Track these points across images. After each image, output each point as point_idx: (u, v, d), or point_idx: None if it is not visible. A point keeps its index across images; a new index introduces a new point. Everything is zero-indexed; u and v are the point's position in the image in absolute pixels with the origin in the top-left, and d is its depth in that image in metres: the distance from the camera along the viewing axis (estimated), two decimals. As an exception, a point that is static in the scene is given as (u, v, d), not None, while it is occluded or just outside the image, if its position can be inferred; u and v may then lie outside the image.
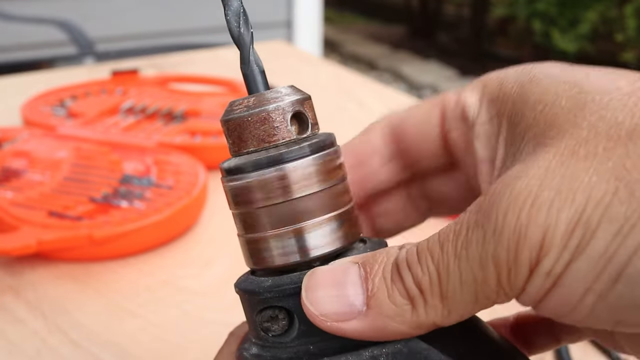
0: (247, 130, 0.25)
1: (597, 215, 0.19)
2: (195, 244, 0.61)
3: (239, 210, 0.25)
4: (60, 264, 0.56)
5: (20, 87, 0.98)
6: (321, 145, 0.25)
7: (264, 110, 0.24)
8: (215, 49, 1.22)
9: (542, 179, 0.20)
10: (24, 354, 0.46)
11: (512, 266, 0.20)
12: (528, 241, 0.19)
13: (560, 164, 0.20)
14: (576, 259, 0.19)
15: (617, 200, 0.18)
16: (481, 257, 0.20)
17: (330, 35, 4.28)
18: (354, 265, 0.23)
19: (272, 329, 0.25)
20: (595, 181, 0.19)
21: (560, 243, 0.19)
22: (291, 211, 0.24)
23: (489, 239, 0.20)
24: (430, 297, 0.21)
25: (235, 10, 0.25)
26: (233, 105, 0.25)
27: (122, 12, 2.05)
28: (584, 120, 0.20)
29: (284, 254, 0.25)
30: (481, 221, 0.20)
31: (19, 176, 0.66)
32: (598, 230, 0.19)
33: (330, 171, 0.25)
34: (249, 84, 0.25)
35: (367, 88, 1.04)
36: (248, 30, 0.25)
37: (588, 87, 0.21)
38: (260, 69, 0.25)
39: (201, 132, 0.77)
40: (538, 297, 0.20)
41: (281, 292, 0.24)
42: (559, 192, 0.19)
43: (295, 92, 0.25)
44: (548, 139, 0.21)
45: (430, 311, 0.22)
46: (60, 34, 1.64)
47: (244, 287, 0.25)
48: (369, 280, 0.22)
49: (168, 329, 0.49)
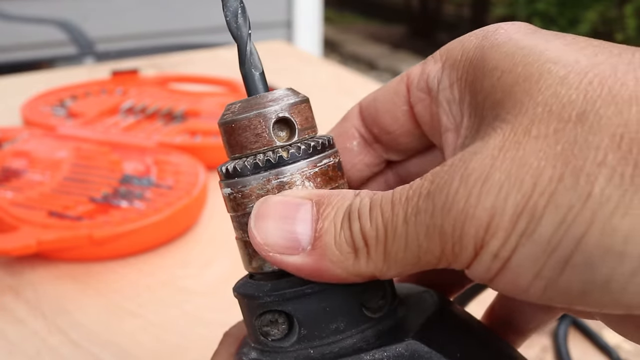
0: (232, 136, 0.25)
1: (543, 202, 0.18)
2: (195, 244, 0.61)
3: (237, 213, 0.25)
4: (60, 264, 0.56)
5: (20, 87, 0.98)
6: (312, 149, 0.24)
7: (246, 117, 0.24)
8: (215, 49, 1.22)
9: (494, 160, 0.20)
10: (24, 354, 0.46)
11: (456, 242, 0.20)
12: (475, 222, 0.19)
13: (513, 143, 0.19)
14: (523, 245, 0.19)
15: (563, 187, 0.18)
16: (428, 227, 0.20)
17: (330, 35, 4.28)
18: (307, 202, 0.23)
19: (271, 333, 0.24)
20: (544, 166, 0.19)
21: (507, 227, 0.19)
22: None
23: (438, 212, 0.20)
24: (374, 251, 0.22)
25: (235, 10, 0.25)
26: (226, 109, 0.25)
27: (122, 12, 2.05)
28: (539, 94, 0.20)
29: None
30: (433, 193, 0.20)
31: (19, 176, 0.66)
32: (543, 217, 0.18)
33: (325, 174, 0.25)
34: (248, 85, 0.25)
35: (367, 88, 1.04)
36: (247, 30, 0.25)
37: (547, 55, 0.21)
38: (260, 70, 0.25)
39: (201, 132, 0.77)
40: (488, 276, 0.20)
41: (281, 296, 0.24)
42: (508, 175, 0.19)
43: (289, 95, 0.25)
44: (504, 112, 0.21)
45: (371, 264, 0.22)
46: (60, 34, 1.64)
47: (243, 292, 0.25)
48: (319, 221, 0.23)
49: (168, 329, 0.49)
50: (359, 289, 0.24)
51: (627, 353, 0.47)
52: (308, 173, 0.24)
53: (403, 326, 0.24)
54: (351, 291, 0.24)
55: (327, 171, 0.25)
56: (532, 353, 0.47)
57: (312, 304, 0.24)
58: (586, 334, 0.48)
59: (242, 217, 0.25)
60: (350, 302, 0.24)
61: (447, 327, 0.25)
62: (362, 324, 0.24)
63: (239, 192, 0.24)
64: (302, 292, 0.24)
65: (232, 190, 0.25)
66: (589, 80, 0.19)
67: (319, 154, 0.25)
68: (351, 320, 0.24)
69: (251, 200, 0.24)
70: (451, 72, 0.25)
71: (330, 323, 0.24)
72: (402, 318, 0.25)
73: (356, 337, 0.24)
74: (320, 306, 0.24)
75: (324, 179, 0.25)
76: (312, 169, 0.24)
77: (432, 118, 0.26)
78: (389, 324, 0.24)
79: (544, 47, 0.21)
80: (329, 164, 0.25)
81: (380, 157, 0.30)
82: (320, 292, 0.24)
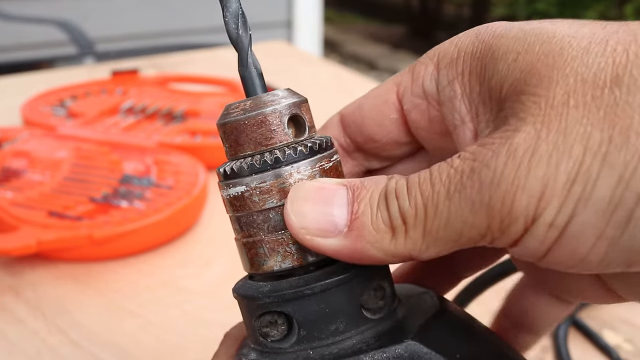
0: (244, 134, 0.24)
1: (597, 164, 0.19)
2: (195, 244, 0.61)
3: (237, 214, 0.25)
4: (60, 264, 0.56)
5: (20, 87, 0.98)
6: (319, 147, 0.25)
7: (261, 113, 0.24)
8: (214, 49, 1.22)
9: (538, 132, 0.20)
10: (24, 354, 0.46)
11: (505, 216, 0.20)
12: (527, 193, 0.20)
13: (553, 116, 0.20)
14: (581, 210, 0.19)
15: (614, 147, 0.19)
16: (474, 203, 0.21)
17: (330, 35, 4.27)
18: (342, 187, 0.23)
19: (271, 334, 0.24)
20: (590, 131, 0.19)
21: (561, 194, 0.19)
22: None
23: (485, 187, 0.20)
24: (413, 229, 0.22)
25: (234, 12, 0.25)
26: (229, 108, 0.25)
27: (122, 12, 2.05)
28: (566, 65, 0.20)
29: (283, 259, 0.24)
30: (478, 169, 0.21)
31: (19, 176, 0.66)
32: (599, 179, 0.19)
33: (328, 173, 0.25)
34: (247, 87, 0.25)
35: (367, 88, 1.03)
36: (246, 32, 0.25)
37: (560, 32, 0.21)
38: (259, 72, 0.25)
39: (201, 132, 0.77)
40: (542, 250, 0.20)
41: (280, 297, 0.24)
42: (556, 145, 0.19)
43: (291, 94, 0.25)
44: (532, 87, 0.21)
45: (409, 243, 0.22)
46: (60, 34, 1.64)
47: (243, 293, 0.25)
48: (355, 203, 0.23)
49: (168, 329, 0.49)
50: (358, 290, 0.24)
51: (627, 353, 0.47)
52: (325, 167, 0.25)
53: (402, 327, 0.24)
54: (351, 292, 0.24)
55: (337, 167, 0.25)
56: (532, 353, 0.47)
57: (311, 305, 0.24)
58: (586, 334, 0.48)
59: (242, 217, 0.25)
60: (349, 303, 0.24)
61: (446, 328, 0.25)
62: (361, 325, 0.24)
63: (257, 188, 0.24)
64: (301, 293, 0.24)
65: (232, 190, 0.25)
66: (612, 48, 0.20)
67: (329, 150, 0.25)
68: (351, 321, 0.24)
69: (271, 195, 0.24)
70: (449, 71, 0.25)
71: (330, 324, 0.24)
72: (402, 319, 0.25)
73: (355, 338, 0.24)
74: (320, 307, 0.24)
75: (336, 174, 0.25)
76: (327, 163, 0.25)
77: (432, 121, 0.26)
78: (389, 325, 0.24)
79: (552, 28, 0.22)
80: (338, 159, 0.25)
81: (360, 165, 0.30)
82: (319, 293, 0.24)
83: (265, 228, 0.24)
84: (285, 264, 0.24)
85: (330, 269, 0.24)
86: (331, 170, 0.25)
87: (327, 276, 0.24)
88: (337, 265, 0.24)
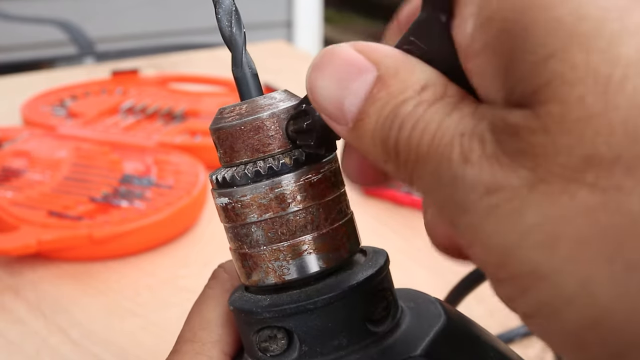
0: (239, 140, 0.23)
1: None
2: (196, 244, 0.61)
3: (232, 224, 0.24)
4: (60, 264, 0.56)
5: (20, 87, 0.98)
6: (306, 158, 0.23)
7: (258, 118, 0.23)
8: (214, 49, 1.22)
9: None
10: (24, 354, 0.46)
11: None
12: None
13: None
14: None
15: None
16: None
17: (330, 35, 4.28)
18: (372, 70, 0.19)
19: (270, 349, 0.23)
20: None
21: None
22: (288, 225, 0.23)
23: None
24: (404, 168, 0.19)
25: (227, 8, 0.23)
26: (223, 112, 0.24)
27: (122, 12, 2.05)
28: None
29: (281, 272, 0.23)
30: None
31: (19, 176, 0.66)
32: None
33: (328, 181, 0.24)
34: (241, 88, 0.24)
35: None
36: (240, 30, 0.24)
37: None
38: (253, 72, 0.24)
39: (201, 132, 0.77)
40: None
41: (281, 312, 0.23)
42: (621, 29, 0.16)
43: (289, 97, 0.24)
44: None
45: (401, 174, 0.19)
46: (60, 34, 1.64)
47: (240, 306, 0.24)
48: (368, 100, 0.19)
49: (168, 329, 0.49)
50: (362, 302, 0.23)
51: (627, 353, 0.47)
52: (313, 180, 0.23)
53: (407, 342, 0.23)
54: (354, 305, 0.23)
55: (331, 177, 0.24)
56: (532, 353, 0.47)
57: (313, 320, 0.23)
58: (586, 334, 0.48)
59: (237, 228, 0.24)
60: (353, 316, 0.23)
61: (453, 341, 0.24)
62: (365, 339, 0.23)
63: (235, 201, 0.23)
64: (303, 308, 0.23)
65: (226, 199, 0.23)
66: None
67: (324, 158, 0.24)
68: (354, 335, 0.23)
69: (252, 210, 0.23)
70: None
71: (333, 339, 0.23)
72: (406, 332, 0.24)
73: (359, 353, 0.23)
74: (322, 322, 0.23)
75: (328, 186, 0.24)
76: (317, 175, 0.23)
77: None
78: (393, 339, 0.23)
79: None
80: (332, 169, 0.24)
81: None
82: (322, 308, 0.23)
83: (262, 239, 0.23)
84: (283, 277, 0.23)
85: (331, 280, 0.23)
86: (332, 178, 0.24)
87: (329, 289, 0.23)
88: (337, 277, 0.23)
